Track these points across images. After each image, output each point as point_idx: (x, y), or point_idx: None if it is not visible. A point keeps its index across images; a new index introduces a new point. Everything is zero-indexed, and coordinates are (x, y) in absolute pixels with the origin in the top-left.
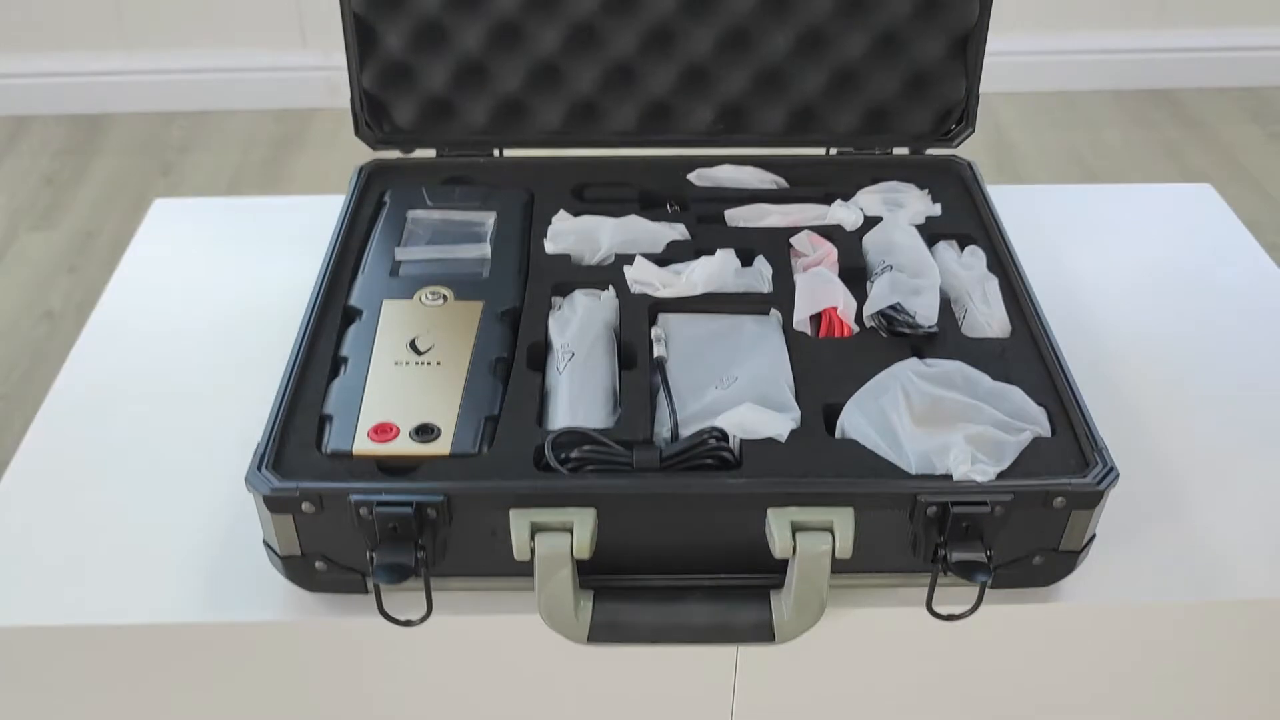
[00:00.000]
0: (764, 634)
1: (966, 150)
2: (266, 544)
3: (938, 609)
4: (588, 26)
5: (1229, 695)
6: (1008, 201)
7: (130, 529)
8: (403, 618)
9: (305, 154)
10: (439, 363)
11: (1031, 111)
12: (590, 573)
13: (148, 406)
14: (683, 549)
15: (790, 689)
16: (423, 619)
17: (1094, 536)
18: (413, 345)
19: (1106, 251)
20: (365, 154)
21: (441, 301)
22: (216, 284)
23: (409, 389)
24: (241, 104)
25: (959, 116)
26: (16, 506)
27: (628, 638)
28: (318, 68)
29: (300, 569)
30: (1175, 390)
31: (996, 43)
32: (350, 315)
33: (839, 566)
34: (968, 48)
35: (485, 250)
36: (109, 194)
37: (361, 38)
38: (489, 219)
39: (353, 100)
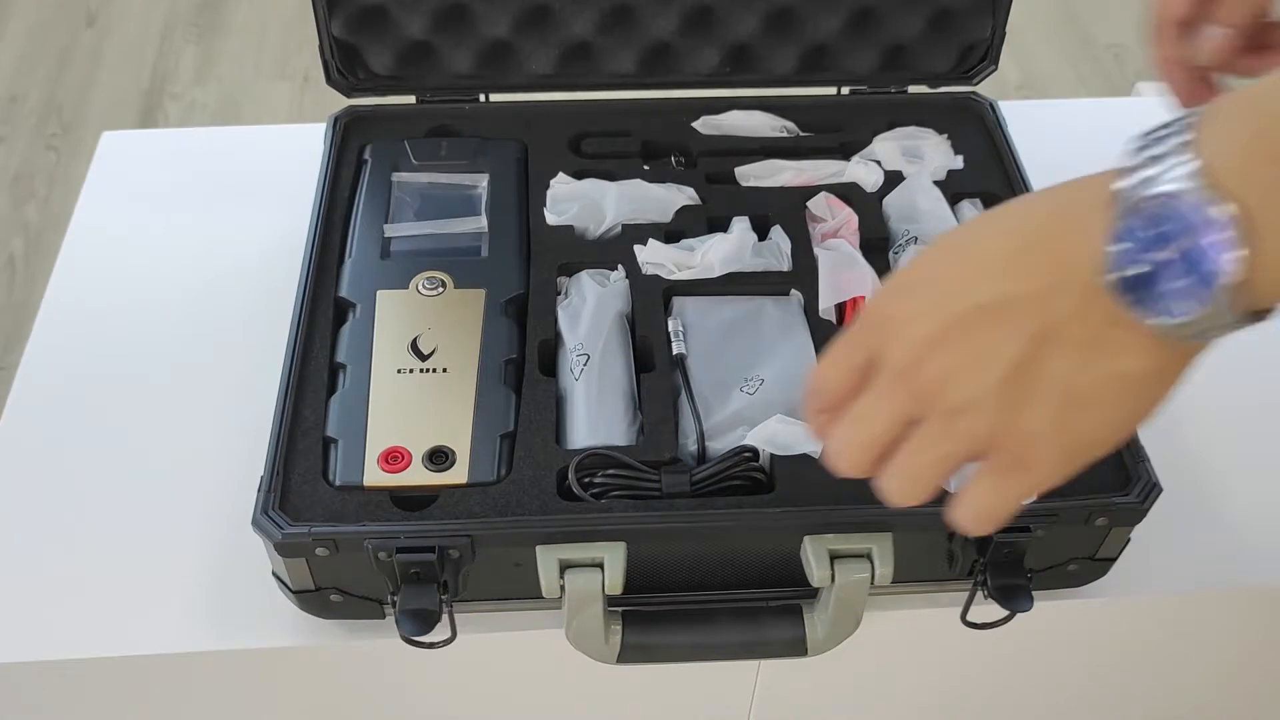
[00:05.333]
0: (797, 649)
1: None
2: (276, 575)
3: (971, 618)
4: None
5: (1257, 684)
6: (1023, 125)
7: (122, 549)
8: (425, 640)
9: None
10: (445, 369)
11: None
12: (618, 594)
13: (123, 398)
14: (713, 570)
15: (814, 693)
16: (446, 642)
17: (1129, 540)
18: (414, 348)
19: None
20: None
21: (440, 290)
22: (183, 240)
23: (416, 403)
24: None
25: (983, 54)
26: None
27: (657, 658)
28: None
29: (314, 601)
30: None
31: None
32: (342, 310)
33: None
34: None
35: (482, 222)
36: (31, 50)
37: None
38: (482, 182)
39: (322, 47)
